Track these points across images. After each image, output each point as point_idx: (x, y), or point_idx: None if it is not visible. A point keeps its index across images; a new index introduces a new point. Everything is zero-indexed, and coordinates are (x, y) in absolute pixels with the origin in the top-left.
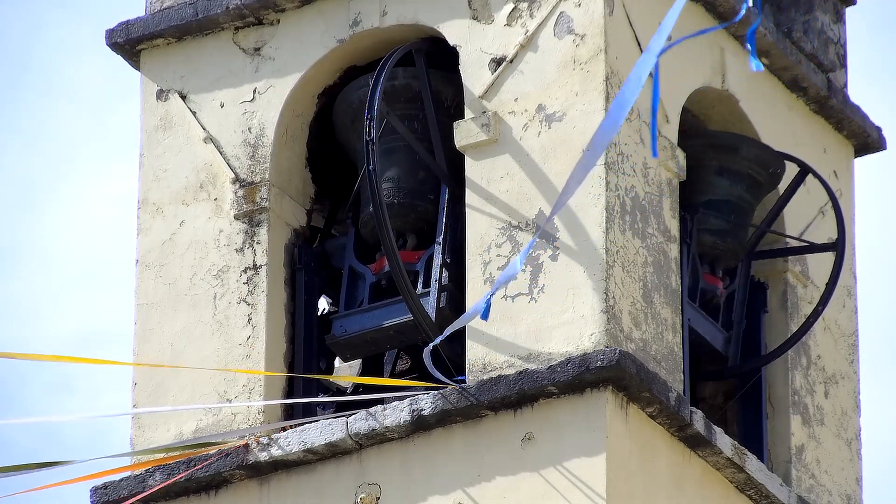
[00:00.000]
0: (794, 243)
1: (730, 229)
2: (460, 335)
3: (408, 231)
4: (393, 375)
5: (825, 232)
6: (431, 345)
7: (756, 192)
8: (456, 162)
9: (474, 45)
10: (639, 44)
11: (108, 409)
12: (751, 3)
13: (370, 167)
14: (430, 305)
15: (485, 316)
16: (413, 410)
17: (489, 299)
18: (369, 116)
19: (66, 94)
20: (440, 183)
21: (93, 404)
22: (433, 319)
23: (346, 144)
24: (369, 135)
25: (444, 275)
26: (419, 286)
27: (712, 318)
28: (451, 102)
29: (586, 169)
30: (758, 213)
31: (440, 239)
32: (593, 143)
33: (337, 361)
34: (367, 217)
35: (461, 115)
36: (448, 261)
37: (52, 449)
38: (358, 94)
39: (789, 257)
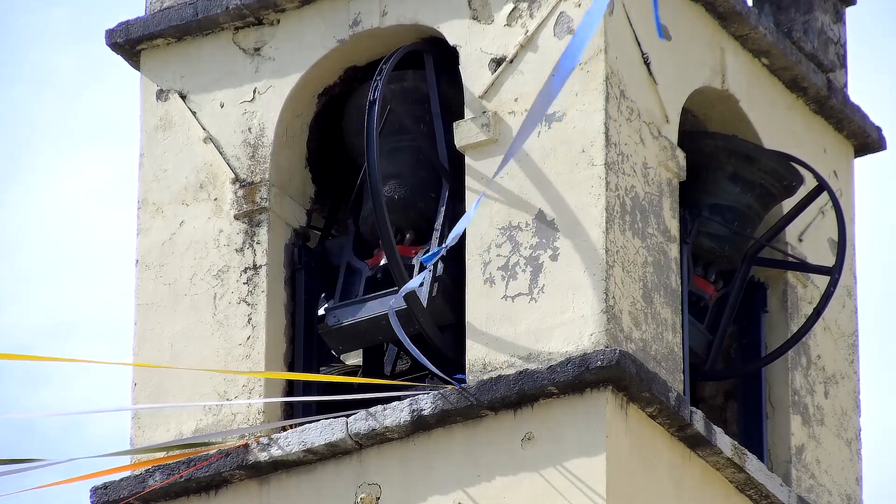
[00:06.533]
0: (796, 252)
1: (730, 237)
2: (461, 335)
3: (407, 227)
4: (393, 375)
5: (825, 231)
6: (397, 296)
7: (766, 202)
8: (460, 164)
9: (474, 45)
10: (639, 44)
11: (81, 400)
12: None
13: (371, 129)
14: (422, 294)
15: (427, 260)
16: (413, 410)
17: (442, 249)
18: (377, 79)
19: (34, 79)
20: (442, 182)
21: (66, 395)
22: (424, 307)
23: (353, 148)
24: (373, 96)
25: (439, 266)
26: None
27: (699, 321)
28: (456, 104)
29: (549, 99)
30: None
31: (437, 227)
32: (559, 68)
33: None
34: (367, 213)
35: (461, 116)
36: (444, 253)
37: (28, 443)
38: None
39: (789, 258)
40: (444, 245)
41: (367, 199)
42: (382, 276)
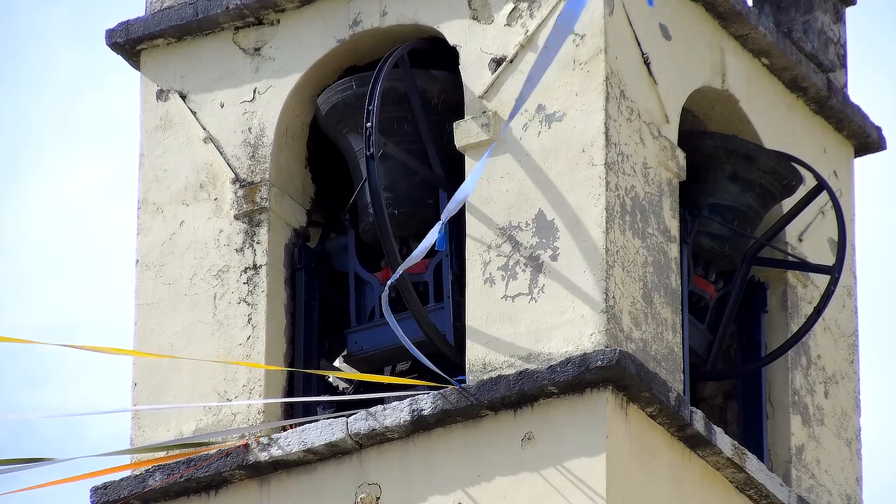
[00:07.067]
0: (796, 252)
1: (730, 236)
2: (461, 336)
3: (411, 237)
4: (393, 375)
5: (825, 231)
6: (389, 281)
7: (766, 202)
8: (451, 160)
9: (474, 45)
10: (639, 44)
11: (81, 400)
12: None
13: (377, 212)
14: (447, 325)
15: (441, 245)
16: (413, 410)
17: (443, 228)
18: (368, 175)
19: (34, 79)
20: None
21: (66, 395)
22: (452, 344)
23: (334, 143)
24: (370, 150)
25: (454, 288)
26: (430, 298)
27: (699, 321)
28: (438, 99)
29: (544, 67)
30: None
31: (447, 251)
32: (558, 28)
33: (337, 361)
34: (367, 226)
35: (450, 112)
36: (457, 272)
37: (28, 443)
38: (343, 96)
39: (790, 257)
40: (443, 219)
41: (364, 210)
42: (396, 295)
